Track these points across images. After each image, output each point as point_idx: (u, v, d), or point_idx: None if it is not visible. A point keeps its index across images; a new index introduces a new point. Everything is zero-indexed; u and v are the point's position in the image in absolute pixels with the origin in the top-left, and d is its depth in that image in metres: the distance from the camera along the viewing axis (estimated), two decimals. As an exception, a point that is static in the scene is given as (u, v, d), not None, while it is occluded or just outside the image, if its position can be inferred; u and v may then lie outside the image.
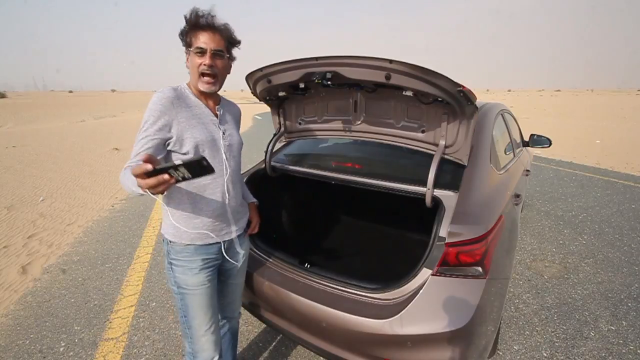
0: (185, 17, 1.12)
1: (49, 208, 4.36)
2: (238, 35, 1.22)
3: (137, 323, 2.18)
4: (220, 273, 1.36)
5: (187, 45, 1.15)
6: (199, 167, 0.86)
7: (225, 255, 1.32)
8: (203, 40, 1.12)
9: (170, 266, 1.25)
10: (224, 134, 1.25)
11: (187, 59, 1.18)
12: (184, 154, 1.14)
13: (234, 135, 1.31)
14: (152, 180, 0.83)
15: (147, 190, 0.86)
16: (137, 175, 0.83)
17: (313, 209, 2.75)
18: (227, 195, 1.26)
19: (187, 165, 0.84)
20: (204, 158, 0.84)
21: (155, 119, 1.10)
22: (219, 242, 1.28)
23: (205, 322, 1.28)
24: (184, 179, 0.87)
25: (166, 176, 0.84)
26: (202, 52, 1.13)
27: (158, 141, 1.10)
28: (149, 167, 0.81)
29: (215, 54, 1.14)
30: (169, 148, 1.16)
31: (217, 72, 1.17)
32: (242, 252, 1.42)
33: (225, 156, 1.25)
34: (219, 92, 1.27)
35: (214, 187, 1.23)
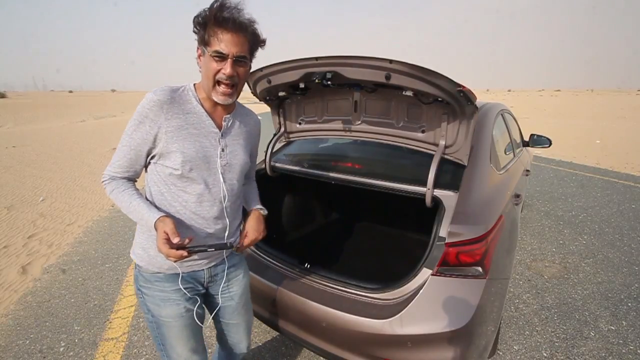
0: (210, 6, 0.91)
1: (49, 208, 4.36)
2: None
3: (137, 323, 2.18)
4: (215, 311, 1.16)
5: (203, 41, 0.93)
6: (223, 247, 0.99)
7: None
8: (225, 42, 0.91)
9: (140, 292, 1.07)
10: (222, 150, 1.04)
11: (199, 53, 0.98)
12: (168, 167, 0.98)
13: (238, 153, 1.09)
14: (174, 254, 0.88)
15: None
16: (161, 246, 0.88)
17: (313, 209, 2.75)
18: (226, 222, 1.08)
19: (215, 247, 0.96)
20: (232, 245, 1.01)
21: (137, 125, 0.96)
22: (196, 272, 1.09)
23: (185, 352, 1.09)
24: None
25: (185, 253, 0.89)
26: (222, 57, 0.92)
27: (138, 153, 0.99)
28: (185, 254, 0.88)
29: (238, 61, 0.94)
30: (153, 161, 1.01)
31: (237, 82, 0.98)
32: (234, 287, 1.18)
33: (223, 178, 1.04)
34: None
35: (206, 217, 1.04)
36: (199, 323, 1.11)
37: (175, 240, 0.88)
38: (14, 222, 3.87)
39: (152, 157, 1.00)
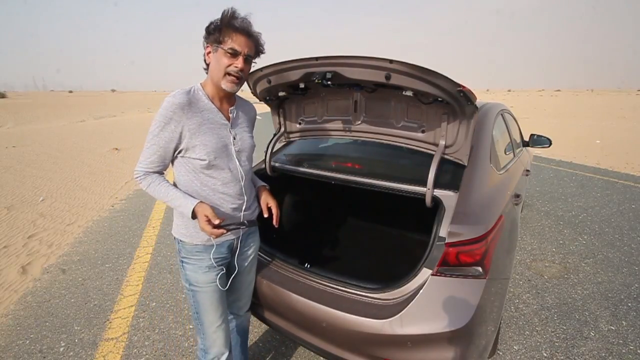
0: (223, 14, 1.11)
1: (49, 208, 4.36)
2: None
3: (137, 323, 2.18)
4: (227, 269, 1.37)
5: (217, 41, 1.12)
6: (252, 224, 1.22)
7: (234, 252, 1.35)
8: (238, 42, 1.12)
9: (181, 264, 1.29)
10: (234, 138, 1.25)
11: (208, 53, 1.17)
12: (195, 159, 1.17)
13: (246, 140, 1.30)
14: (217, 232, 1.11)
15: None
16: (205, 227, 1.11)
17: (313, 208, 2.75)
18: (244, 198, 1.29)
19: (246, 224, 1.19)
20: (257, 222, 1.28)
21: (163, 126, 1.13)
22: (229, 241, 1.31)
23: (216, 318, 1.31)
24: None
25: (225, 231, 1.12)
26: (235, 54, 1.13)
27: (166, 150, 1.16)
28: (224, 232, 1.11)
29: (247, 59, 1.16)
30: (180, 155, 1.19)
31: (242, 76, 1.19)
32: (250, 250, 1.43)
33: (239, 162, 1.26)
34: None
35: (232, 194, 1.25)
36: (222, 288, 1.33)
37: (217, 222, 1.10)
38: (14, 222, 3.87)
39: (179, 152, 1.18)
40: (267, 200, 1.42)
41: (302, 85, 1.60)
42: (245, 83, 1.69)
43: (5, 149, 8.47)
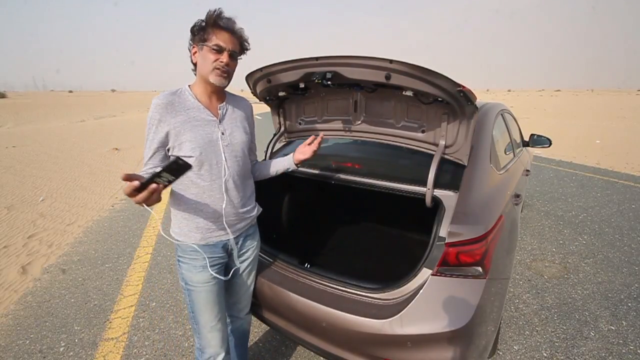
0: (208, 14, 1.15)
1: (49, 208, 4.37)
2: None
3: (137, 323, 2.18)
4: (226, 271, 1.37)
5: (202, 40, 1.15)
6: (177, 167, 1.00)
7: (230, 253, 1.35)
8: (222, 39, 1.15)
9: (178, 263, 1.30)
10: (223, 134, 1.24)
11: (195, 52, 1.19)
12: (182, 156, 1.16)
13: (236, 135, 1.29)
14: (144, 194, 0.95)
15: (142, 204, 0.98)
16: (129, 195, 0.95)
17: (313, 209, 2.75)
18: (225, 196, 1.26)
19: (166, 169, 0.97)
20: (178, 158, 0.99)
21: (152, 128, 1.16)
22: (223, 242, 1.30)
23: (211, 318, 1.31)
24: (170, 182, 0.99)
25: (154, 185, 0.96)
26: (220, 50, 1.16)
27: (159, 150, 1.18)
28: (137, 184, 0.94)
29: (232, 55, 1.19)
30: (170, 154, 1.20)
31: (229, 71, 1.21)
32: (249, 252, 1.42)
33: (225, 157, 1.25)
34: (227, 90, 1.30)
35: (213, 189, 1.24)
36: (219, 287, 1.32)
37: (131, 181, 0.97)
38: (14, 222, 3.87)
39: (168, 150, 1.20)
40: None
41: (302, 85, 1.60)
42: (245, 83, 1.70)
43: (5, 149, 8.47)
